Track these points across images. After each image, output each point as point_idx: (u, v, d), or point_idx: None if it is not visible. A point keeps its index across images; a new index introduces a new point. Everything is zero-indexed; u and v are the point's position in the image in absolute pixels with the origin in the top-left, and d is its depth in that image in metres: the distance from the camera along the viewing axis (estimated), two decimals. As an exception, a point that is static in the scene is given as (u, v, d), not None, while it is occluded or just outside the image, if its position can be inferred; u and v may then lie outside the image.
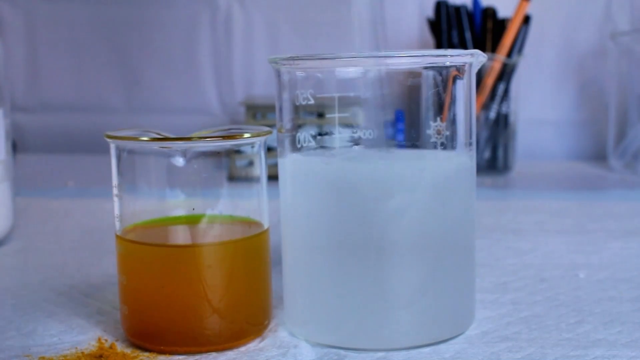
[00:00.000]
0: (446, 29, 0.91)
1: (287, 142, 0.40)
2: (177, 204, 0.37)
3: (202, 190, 0.38)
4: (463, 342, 0.39)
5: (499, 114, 0.91)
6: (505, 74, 0.90)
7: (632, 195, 0.80)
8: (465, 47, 0.90)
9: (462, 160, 0.39)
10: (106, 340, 0.39)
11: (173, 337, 0.37)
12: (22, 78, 1.11)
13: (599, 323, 0.41)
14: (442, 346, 0.38)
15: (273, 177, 0.40)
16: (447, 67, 0.38)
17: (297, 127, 0.39)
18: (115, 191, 0.39)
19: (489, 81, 0.89)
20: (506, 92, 0.91)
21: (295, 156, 0.39)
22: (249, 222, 0.39)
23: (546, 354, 0.37)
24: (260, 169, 0.39)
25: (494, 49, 0.90)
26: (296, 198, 0.39)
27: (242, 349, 0.38)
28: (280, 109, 0.40)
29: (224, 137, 0.38)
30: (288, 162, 0.39)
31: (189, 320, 0.37)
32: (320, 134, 0.39)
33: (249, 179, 0.39)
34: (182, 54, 1.10)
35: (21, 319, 0.43)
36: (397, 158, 0.40)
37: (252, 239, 0.39)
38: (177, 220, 0.38)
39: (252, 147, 0.39)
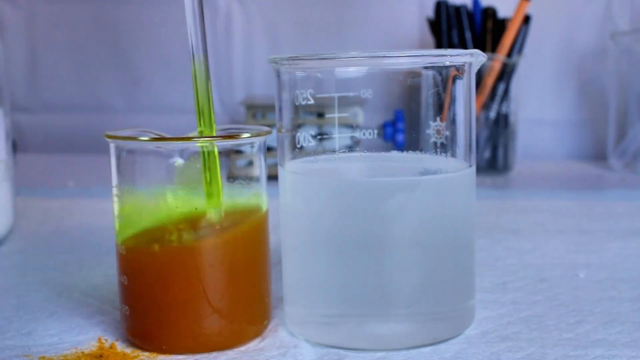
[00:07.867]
0: (446, 29, 0.91)
1: (286, 142, 0.40)
2: (177, 204, 0.37)
3: (202, 190, 0.38)
4: (463, 342, 0.39)
5: (499, 114, 0.91)
6: (505, 74, 0.90)
7: (632, 195, 0.80)
8: (465, 47, 0.90)
9: (461, 160, 0.39)
10: (106, 340, 0.39)
11: (173, 337, 0.37)
12: (22, 78, 1.11)
13: (599, 323, 0.41)
14: (442, 346, 0.38)
15: (273, 177, 0.40)
16: (446, 67, 0.38)
17: (297, 127, 0.39)
18: (114, 191, 0.39)
19: (489, 81, 0.89)
20: (506, 92, 0.91)
21: (295, 162, 0.39)
22: (248, 222, 0.39)
23: (546, 354, 0.37)
24: (260, 169, 0.39)
25: (494, 49, 0.90)
26: (296, 199, 0.39)
27: (242, 349, 0.38)
28: (280, 109, 0.40)
29: (224, 137, 0.38)
30: (287, 167, 0.39)
31: (189, 320, 0.37)
32: (320, 134, 0.39)
33: (249, 179, 0.39)
34: (182, 54, 1.09)
35: (21, 319, 0.42)
36: (396, 159, 0.40)
37: (252, 239, 0.39)
38: (177, 220, 0.38)
39: (252, 147, 0.39)
